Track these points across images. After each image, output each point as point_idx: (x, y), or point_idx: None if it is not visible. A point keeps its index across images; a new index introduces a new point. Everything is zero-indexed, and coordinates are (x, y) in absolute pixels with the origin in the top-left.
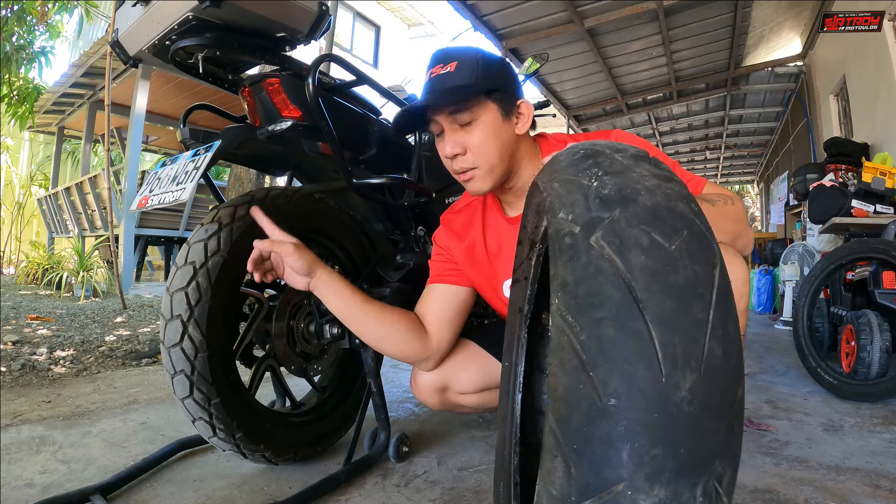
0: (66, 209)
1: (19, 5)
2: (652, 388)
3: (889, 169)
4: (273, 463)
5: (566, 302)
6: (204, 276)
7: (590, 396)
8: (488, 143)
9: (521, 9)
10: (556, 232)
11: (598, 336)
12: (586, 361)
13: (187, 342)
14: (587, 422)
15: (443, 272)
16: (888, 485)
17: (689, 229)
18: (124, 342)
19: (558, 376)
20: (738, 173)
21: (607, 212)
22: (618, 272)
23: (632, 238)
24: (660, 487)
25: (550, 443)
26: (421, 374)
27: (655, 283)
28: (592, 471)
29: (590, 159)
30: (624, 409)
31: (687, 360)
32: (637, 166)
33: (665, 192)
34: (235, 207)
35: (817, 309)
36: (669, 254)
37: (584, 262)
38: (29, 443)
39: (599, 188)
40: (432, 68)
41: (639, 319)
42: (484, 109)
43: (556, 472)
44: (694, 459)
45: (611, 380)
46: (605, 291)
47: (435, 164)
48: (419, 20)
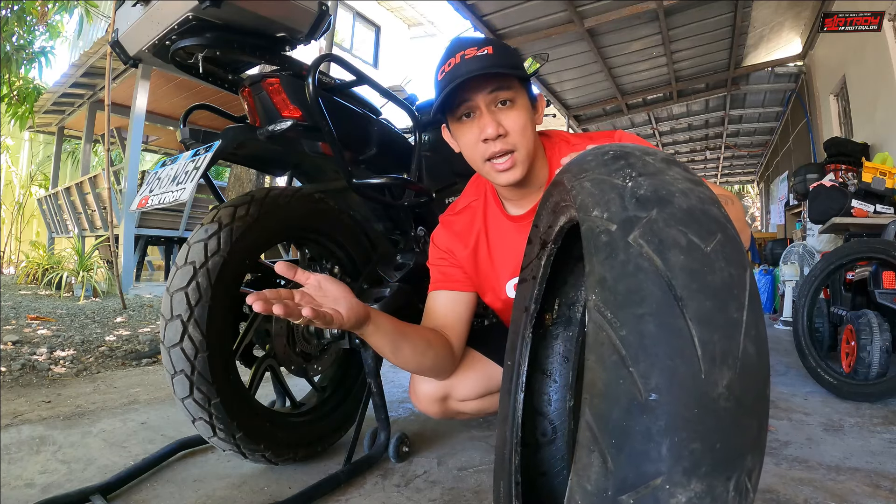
0: (66, 209)
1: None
2: (692, 384)
3: (889, 169)
4: (273, 463)
5: (604, 298)
6: (204, 276)
7: (630, 391)
8: (527, 126)
9: (521, 9)
10: (591, 230)
11: (640, 332)
12: (626, 356)
13: (187, 342)
14: (627, 416)
15: (447, 279)
16: (888, 485)
17: (722, 233)
18: (124, 342)
19: (596, 371)
20: (738, 173)
21: (644, 211)
22: (658, 270)
23: (670, 238)
24: (696, 481)
25: (587, 438)
26: (421, 384)
27: (695, 282)
28: (631, 465)
29: (621, 160)
30: (665, 404)
31: (724, 357)
32: (669, 169)
33: (698, 196)
34: (235, 207)
35: (817, 309)
36: (706, 255)
37: (623, 260)
38: (29, 443)
39: (635, 188)
40: (463, 51)
41: (679, 317)
42: (520, 93)
43: (592, 467)
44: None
45: (652, 375)
46: (645, 288)
47: (435, 164)
48: (419, 20)
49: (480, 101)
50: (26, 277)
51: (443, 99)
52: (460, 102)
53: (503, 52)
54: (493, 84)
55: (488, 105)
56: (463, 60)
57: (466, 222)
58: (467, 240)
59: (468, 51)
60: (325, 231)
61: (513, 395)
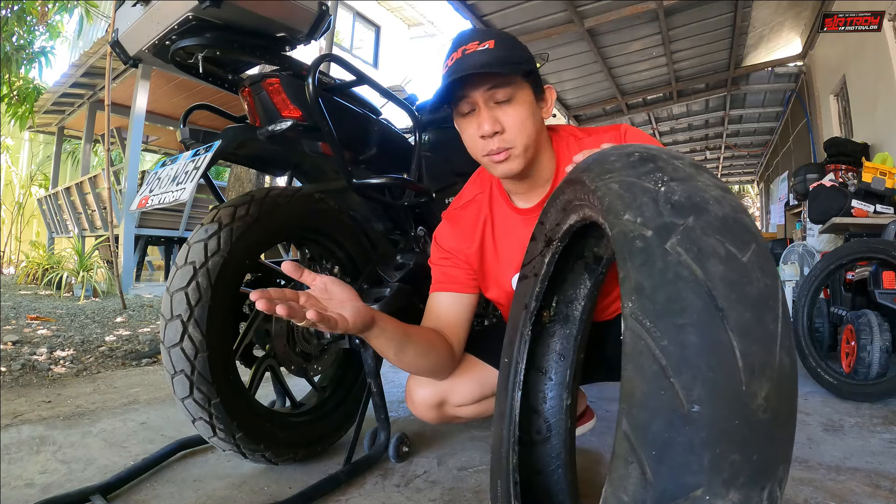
0: (66, 209)
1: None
2: (733, 396)
3: (889, 169)
4: (273, 463)
5: (643, 306)
6: (204, 277)
7: (672, 402)
8: (526, 122)
9: (521, 9)
10: (624, 233)
11: (681, 342)
12: (668, 367)
13: (187, 342)
14: (669, 428)
15: (449, 280)
16: (888, 485)
17: (755, 242)
18: (124, 342)
19: (635, 381)
20: (738, 173)
21: (681, 218)
22: (698, 280)
23: (709, 247)
24: (734, 492)
25: (624, 448)
26: (417, 390)
27: (734, 293)
28: (671, 477)
29: (650, 163)
30: (707, 416)
31: (763, 369)
32: (699, 175)
33: (731, 204)
34: (235, 207)
35: (817, 309)
36: (743, 265)
37: (662, 268)
38: (29, 443)
39: (668, 193)
40: (466, 45)
41: (721, 328)
42: (521, 89)
43: (629, 479)
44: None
45: (694, 386)
46: (686, 298)
47: (435, 164)
48: (419, 20)
49: (478, 98)
50: (26, 277)
51: (441, 95)
52: (460, 98)
53: (506, 46)
54: (491, 81)
55: (486, 102)
56: (464, 55)
57: (472, 216)
58: (473, 235)
59: (470, 45)
60: (325, 231)
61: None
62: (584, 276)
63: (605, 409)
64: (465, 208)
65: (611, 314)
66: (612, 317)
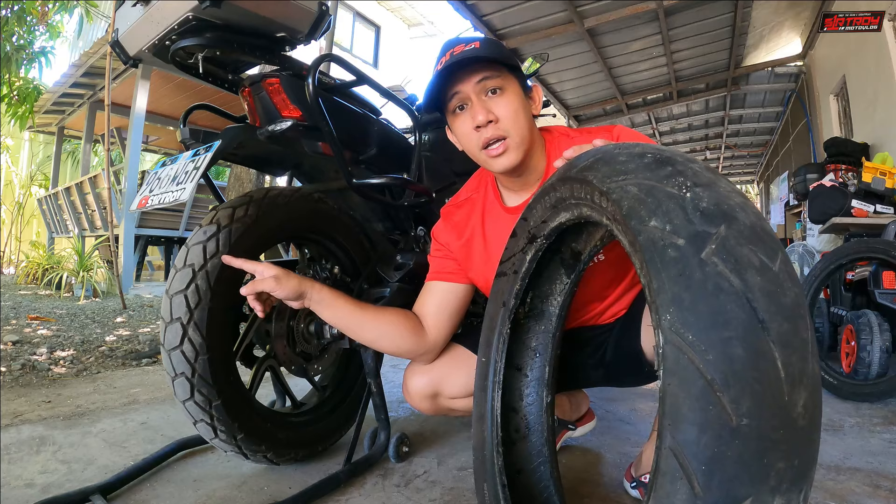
0: (66, 209)
1: (19, 5)
2: (778, 407)
3: (889, 169)
4: (275, 463)
5: (684, 319)
6: (203, 279)
7: (721, 417)
8: (519, 112)
9: (521, 9)
10: (652, 241)
11: (728, 356)
12: (714, 381)
13: (187, 345)
14: (719, 442)
15: (441, 269)
16: (888, 485)
17: (781, 251)
18: (124, 342)
19: (680, 397)
20: (738, 173)
21: (713, 227)
22: (738, 291)
23: (745, 257)
24: (779, 497)
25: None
26: (412, 381)
27: (773, 303)
28: (722, 490)
29: (668, 166)
30: (756, 428)
31: (801, 377)
32: (718, 180)
33: (754, 212)
34: (234, 209)
35: (817, 309)
36: (776, 275)
37: (701, 279)
38: (29, 443)
39: (695, 200)
40: (453, 48)
41: (764, 340)
42: (510, 82)
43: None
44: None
45: (743, 400)
46: (729, 311)
47: (435, 164)
48: (419, 20)
49: (470, 91)
50: (26, 277)
51: (433, 91)
52: (451, 95)
53: (490, 45)
54: (481, 74)
55: (478, 94)
56: (452, 57)
57: (465, 214)
58: (463, 231)
59: (457, 48)
60: (325, 231)
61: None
62: (561, 272)
63: (604, 409)
64: (459, 206)
65: (609, 318)
66: (612, 320)
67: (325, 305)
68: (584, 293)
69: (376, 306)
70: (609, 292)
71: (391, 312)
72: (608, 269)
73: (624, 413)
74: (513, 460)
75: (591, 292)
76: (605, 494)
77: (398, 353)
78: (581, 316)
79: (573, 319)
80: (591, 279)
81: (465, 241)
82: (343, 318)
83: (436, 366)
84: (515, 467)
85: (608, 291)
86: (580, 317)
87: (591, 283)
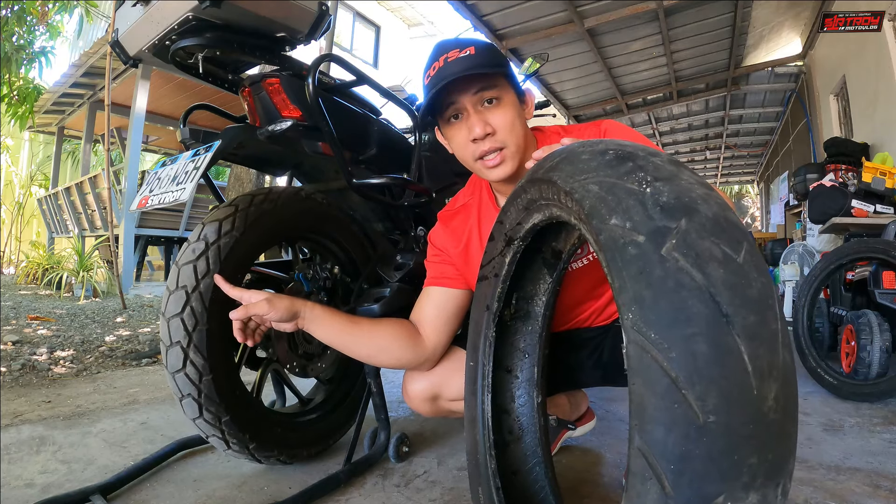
0: (66, 209)
1: (19, 5)
2: (746, 401)
3: (889, 169)
4: (288, 463)
5: (646, 317)
6: (198, 301)
7: (687, 415)
8: (515, 123)
9: (521, 9)
10: (613, 240)
11: (691, 353)
12: (680, 379)
13: (190, 367)
14: (686, 441)
15: (439, 275)
16: (888, 485)
17: (746, 241)
18: (124, 342)
19: (646, 396)
20: (738, 173)
21: (673, 221)
22: (700, 286)
23: (706, 250)
24: (753, 493)
25: (640, 465)
26: (412, 383)
27: (737, 296)
28: (692, 488)
29: (628, 162)
30: (723, 425)
31: (770, 370)
32: (681, 172)
33: (717, 202)
34: (220, 222)
35: (817, 309)
36: (740, 266)
37: (661, 275)
38: (29, 443)
39: (655, 195)
40: (447, 53)
41: (728, 334)
42: (507, 91)
43: (648, 494)
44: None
45: (709, 397)
46: (691, 306)
47: (435, 164)
48: (419, 20)
49: (467, 103)
50: (26, 277)
51: (429, 103)
52: (447, 105)
53: (486, 52)
54: (478, 84)
55: (475, 105)
56: (446, 63)
57: (462, 219)
58: (461, 236)
59: (451, 53)
60: (325, 231)
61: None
62: (544, 272)
63: (604, 409)
64: (457, 212)
65: (605, 319)
66: (609, 321)
67: (320, 322)
68: (577, 292)
69: (371, 320)
70: (602, 291)
71: (387, 325)
72: (599, 268)
73: (624, 413)
74: (507, 462)
75: (582, 291)
76: (604, 494)
77: (398, 365)
78: (577, 316)
79: (570, 320)
80: (581, 278)
81: (464, 246)
82: (339, 335)
83: (435, 368)
84: (511, 469)
85: (601, 290)
86: (576, 317)
87: (582, 282)
